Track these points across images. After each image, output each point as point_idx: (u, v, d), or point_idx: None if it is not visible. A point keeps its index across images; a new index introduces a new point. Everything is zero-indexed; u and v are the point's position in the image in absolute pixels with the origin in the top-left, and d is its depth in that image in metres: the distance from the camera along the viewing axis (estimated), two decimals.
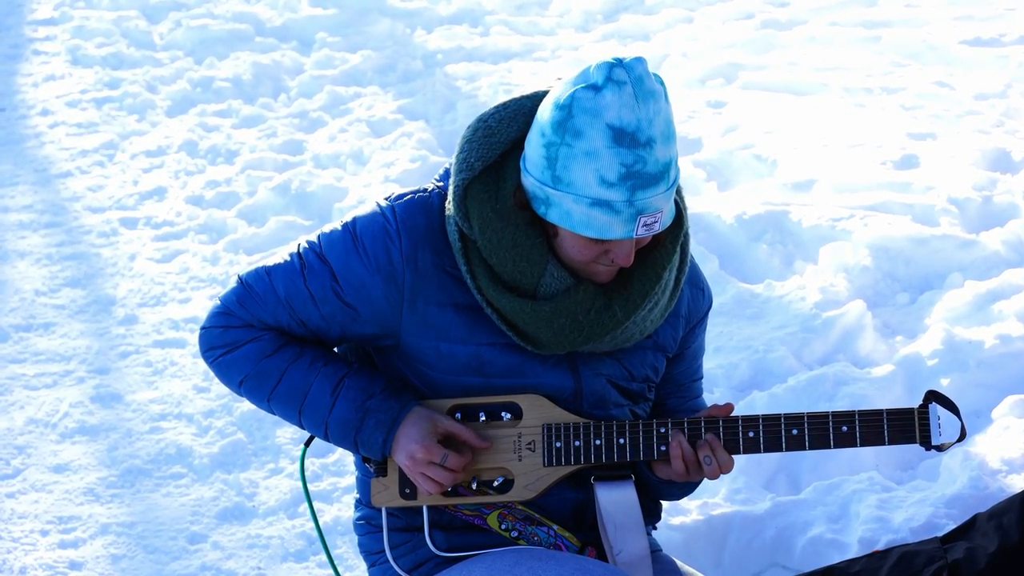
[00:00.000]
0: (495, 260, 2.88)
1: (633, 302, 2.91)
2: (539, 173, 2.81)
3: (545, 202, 2.82)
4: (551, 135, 2.78)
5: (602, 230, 2.78)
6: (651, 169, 2.74)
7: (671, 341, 3.10)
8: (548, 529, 2.99)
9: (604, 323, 2.90)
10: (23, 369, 5.47)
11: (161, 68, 8.67)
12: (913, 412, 2.92)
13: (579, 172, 2.75)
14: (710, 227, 5.86)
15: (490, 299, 2.90)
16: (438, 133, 7.44)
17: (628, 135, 2.72)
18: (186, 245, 6.49)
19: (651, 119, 2.73)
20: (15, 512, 4.61)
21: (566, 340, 2.91)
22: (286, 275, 2.97)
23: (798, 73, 7.83)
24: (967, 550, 3.74)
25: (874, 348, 5.11)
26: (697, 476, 2.97)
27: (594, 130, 2.73)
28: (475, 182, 2.89)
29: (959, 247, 5.54)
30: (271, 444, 4.91)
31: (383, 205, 2.97)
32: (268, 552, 4.41)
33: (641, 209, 2.76)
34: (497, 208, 2.86)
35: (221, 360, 3.01)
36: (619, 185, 2.74)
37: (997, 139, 6.61)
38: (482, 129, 2.91)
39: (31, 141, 7.81)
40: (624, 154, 2.73)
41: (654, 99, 2.74)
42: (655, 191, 2.76)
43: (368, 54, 8.56)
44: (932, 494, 4.20)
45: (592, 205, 2.76)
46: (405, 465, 2.93)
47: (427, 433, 2.91)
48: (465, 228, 2.89)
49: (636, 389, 3.05)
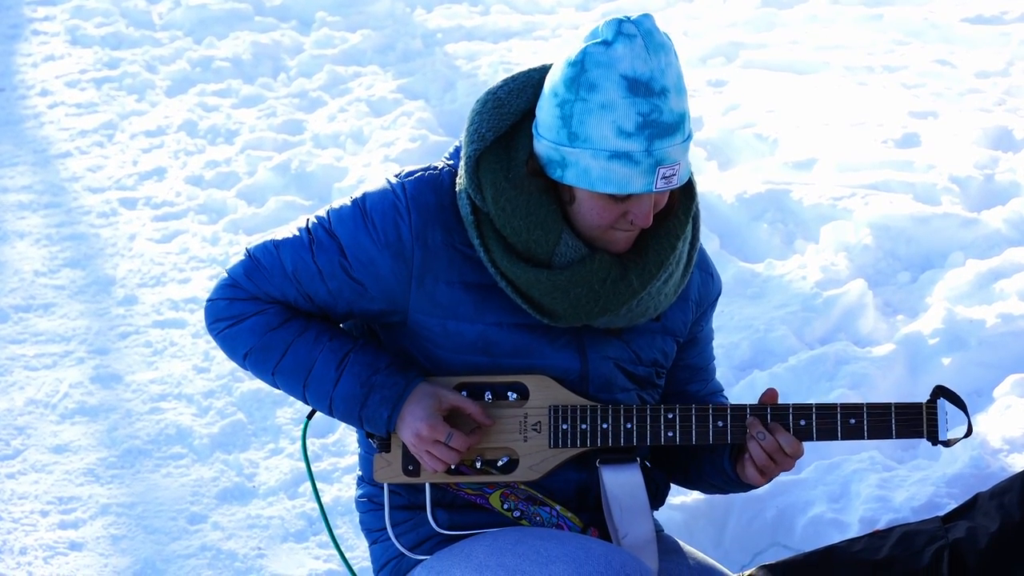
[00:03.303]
0: (509, 230, 2.87)
1: (649, 271, 2.90)
2: (554, 134, 2.80)
3: (561, 164, 2.81)
4: (564, 93, 2.78)
5: (622, 184, 2.77)
6: (667, 118, 2.75)
7: (681, 325, 3.09)
8: (551, 509, 2.99)
9: (621, 293, 2.89)
10: (23, 350, 5.46)
11: (160, 48, 8.65)
12: (921, 407, 2.91)
13: (596, 126, 2.75)
14: (711, 206, 5.84)
15: (504, 271, 2.89)
16: (438, 112, 7.43)
17: (643, 84, 2.73)
18: (186, 225, 6.47)
19: (663, 69, 2.74)
20: (15, 493, 4.61)
21: (583, 311, 2.89)
22: (294, 249, 2.96)
23: (799, 52, 7.81)
24: (968, 529, 3.74)
25: (875, 327, 5.10)
26: (777, 469, 2.96)
27: (608, 82, 2.73)
28: (487, 153, 2.88)
29: (960, 226, 5.53)
30: (271, 424, 4.91)
31: (393, 182, 2.97)
32: (268, 532, 4.40)
33: (660, 159, 2.76)
34: (510, 177, 2.86)
35: (226, 332, 3.00)
36: (637, 135, 2.74)
37: (999, 117, 6.59)
38: (491, 101, 2.91)
39: (30, 121, 7.79)
40: (640, 103, 2.73)
41: (664, 51, 2.75)
42: (672, 141, 2.76)
43: (368, 33, 8.53)
44: (933, 473, 4.19)
45: (611, 158, 2.75)
46: (410, 443, 2.92)
47: (432, 411, 2.90)
48: (478, 200, 2.88)
49: (643, 374, 3.04)
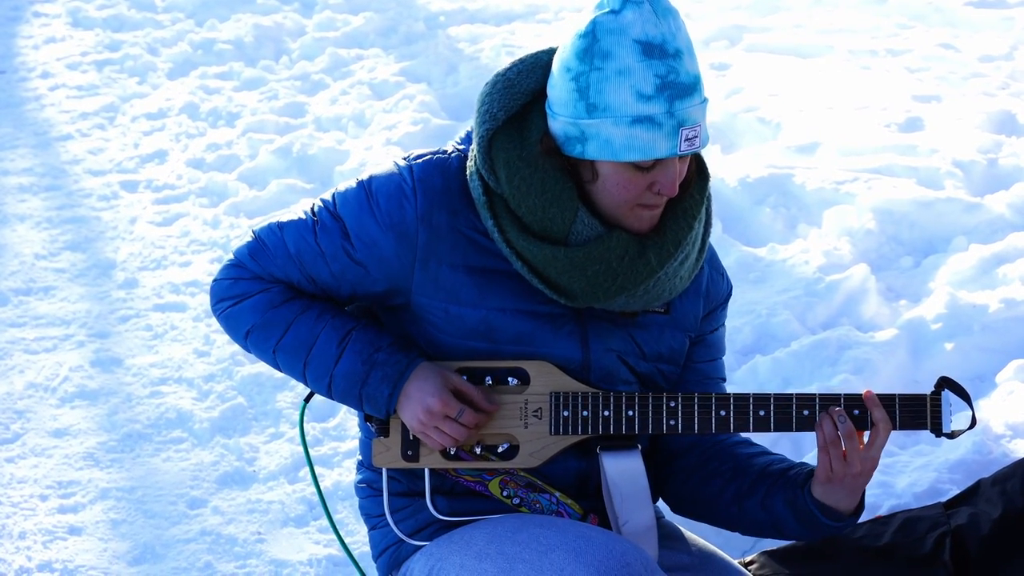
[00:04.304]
0: (524, 209, 2.85)
1: (667, 249, 2.88)
2: (571, 109, 2.78)
3: (581, 139, 2.79)
4: (578, 65, 2.76)
5: (646, 150, 2.75)
6: (684, 79, 2.74)
7: (691, 319, 3.07)
8: (550, 496, 2.97)
9: (639, 271, 2.87)
10: (23, 333, 5.45)
11: (162, 30, 8.63)
12: (926, 399, 2.89)
13: (614, 93, 2.74)
14: (714, 190, 5.72)
15: (520, 251, 2.87)
16: (440, 96, 7.41)
17: (657, 47, 2.72)
18: (187, 208, 6.46)
19: (675, 32, 2.74)
20: (14, 477, 4.60)
21: (600, 290, 2.87)
22: (297, 231, 2.95)
23: (803, 35, 7.79)
24: (971, 516, 3.73)
25: (878, 312, 5.08)
26: (847, 466, 2.86)
27: (622, 48, 2.72)
28: (499, 133, 2.87)
29: (964, 210, 5.52)
30: (271, 408, 4.90)
31: (401, 164, 2.95)
32: (268, 517, 4.40)
33: (682, 120, 2.75)
34: (523, 155, 2.84)
35: (229, 311, 2.99)
36: (657, 96, 2.73)
37: (1002, 102, 6.58)
38: (501, 82, 2.89)
39: (31, 104, 7.78)
40: (657, 65, 2.72)
41: (672, 15, 2.75)
42: (692, 101, 2.75)
43: (370, 16, 8.51)
44: (936, 459, 4.19)
45: (633, 123, 2.74)
46: (418, 419, 2.90)
47: (442, 386, 2.88)
48: (491, 180, 2.86)
49: (645, 370, 3.01)
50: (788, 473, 2.99)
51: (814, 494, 2.91)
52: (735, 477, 3.05)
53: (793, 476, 2.98)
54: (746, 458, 3.06)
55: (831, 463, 2.87)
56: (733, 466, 3.06)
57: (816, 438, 2.88)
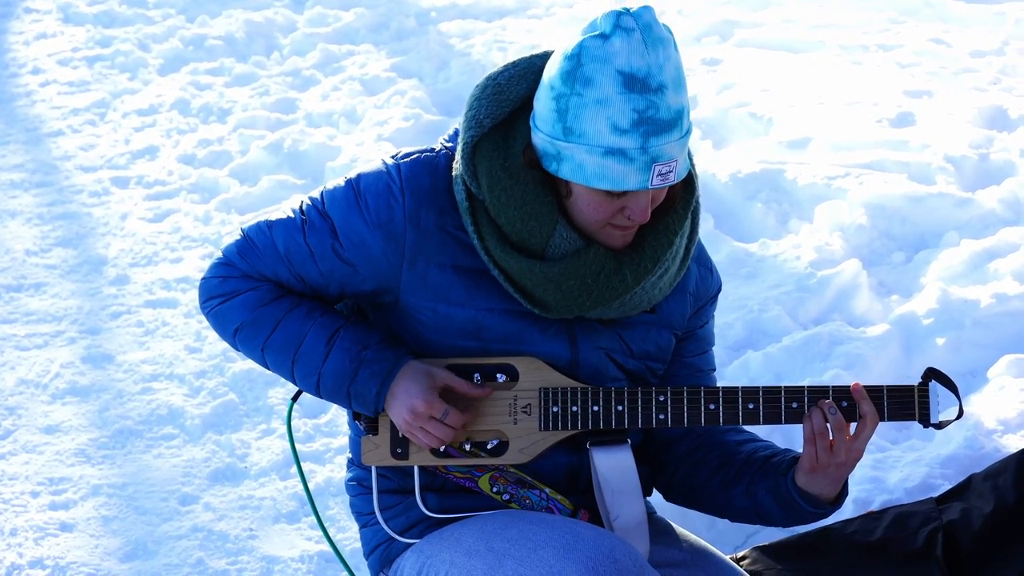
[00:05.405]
0: (503, 219, 2.84)
1: (644, 267, 2.87)
2: (549, 127, 2.77)
3: (557, 157, 2.78)
4: (560, 86, 2.75)
5: (616, 181, 2.74)
6: (664, 115, 2.72)
7: (679, 317, 3.07)
8: (540, 492, 2.97)
9: (614, 287, 2.87)
10: (14, 329, 5.44)
11: (153, 26, 8.61)
12: (913, 390, 2.90)
13: (591, 121, 2.72)
14: (705, 186, 5.82)
15: (497, 260, 2.87)
16: (431, 91, 7.40)
17: (639, 80, 2.70)
18: (178, 204, 6.45)
19: (661, 65, 2.71)
20: (5, 473, 4.59)
21: (574, 303, 2.87)
22: (286, 230, 2.95)
23: (794, 31, 7.78)
24: (962, 511, 3.74)
25: (869, 307, 5.08)
26: (832, 456, 2.88)
27: (604, 77, 2.70)
28: (484, 140, 2.86)
29: (955, 205, 5.52)
30: (263, 405, 4.90)
31: (389, 163, 2.95)
32: (260, 513, 4.39)
33: (655, 157, 2.73)
34: (506, 166, 2.83)
35: (218, 309, 2.99)
36: (632, 132, 2.71)
37: (994, 97, 6.58)
38: (491, 87, 2.88)
39: (22, 100, 7.76)
40: (636, 100, 2.70)
41: (663, 46, 2.71)
42: (668, 138, 2.73)
43: (361, 12, 8.50)
44: (927, 454, 4.19)
45: (605, 155, 2.72)
46: (404, 419, 2.90)
47: (427, 387, 2.88)
48: (473, 187, 2.86)
49: (634, 368, 3.01)
50: (771, 460, 3.01)
51: (797, 482, 2.94)
52: (722, 466, 3.07)
53: (776, 463, 3.00)
54: (734, 446, 3.08)
55: (817, 453, 2.89)
56: (720, 454, 3.08)
57: (803, 428, 2.89)
